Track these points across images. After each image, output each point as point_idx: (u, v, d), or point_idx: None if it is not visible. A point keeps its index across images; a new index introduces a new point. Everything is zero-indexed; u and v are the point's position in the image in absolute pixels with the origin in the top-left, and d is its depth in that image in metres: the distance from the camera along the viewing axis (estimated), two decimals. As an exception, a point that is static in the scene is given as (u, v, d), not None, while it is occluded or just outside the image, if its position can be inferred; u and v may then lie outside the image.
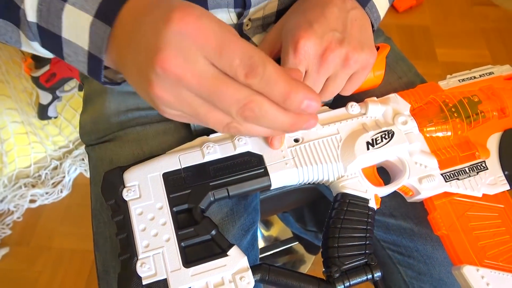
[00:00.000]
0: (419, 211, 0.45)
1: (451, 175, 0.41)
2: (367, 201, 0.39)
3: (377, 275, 0.36)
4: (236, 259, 0.34)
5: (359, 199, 0.38)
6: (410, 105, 0.43)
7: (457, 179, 0.40)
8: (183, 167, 0.38)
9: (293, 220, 0.85)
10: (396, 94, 0.44)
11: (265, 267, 0.36)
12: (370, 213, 0.38)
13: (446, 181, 0.40)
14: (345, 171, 0.39)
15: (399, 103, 0.43)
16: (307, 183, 0.41)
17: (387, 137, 0.41)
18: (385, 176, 0.42)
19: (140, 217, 0.36)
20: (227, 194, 0.38)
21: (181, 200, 0.37)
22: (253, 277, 0.34)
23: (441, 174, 0.40)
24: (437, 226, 0.39)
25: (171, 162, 0.38)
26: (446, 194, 0.40)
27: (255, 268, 0.35)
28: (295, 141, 0.40)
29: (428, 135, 0.42)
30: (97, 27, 0.32)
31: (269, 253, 1.02)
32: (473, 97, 0.43)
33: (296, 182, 0.40)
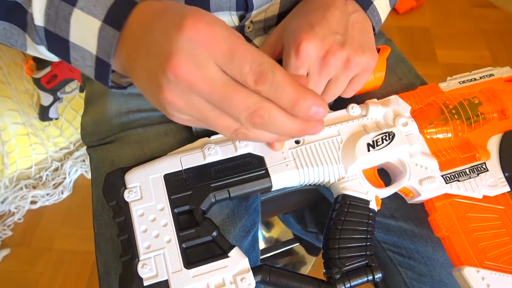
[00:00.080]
0: (419, 212, 0.45)
1: (452, 176, 0.41)
2: (367, 202, 0.39)
3: (378, 276, 0.36)
4: (237, 260, 0.34)
5: (359, 201, 0.39)
6: (410, 107, 0.44)
7: (458, 180, 0.40)
8: (184, 168, 0.38)
9: (294, 221, 0.85)
10: (396, 95, 0.45)
11: (266, 268, 0.36)
12: (370, 214, 0.38)
13: (446, 183, 0.40)
14: (345, 172, 0.39)
15: (399, 104, 0.44)
16: (308, 185, 0.41)
17: (387, 138, 0.41)
18: (386, 177, 0.42)
19: (141, 218, 0.36)
20: (228, 195, 0.38)
21: (182, 201, 0.37)
22: (254, 278, 0.34)
23: (442, 175, 0.40)
24: (438, 227, 0.39)
25: (172, 163, 0.39)
26: (446, 195, 0.40)
27: (256, 269, 0.35)
28: (296, 142, 0.40)
29: (428, 137, 0.42)
30: (105, 32, 0.32)
31: (269, 254, 1.02)
32: (473, 99, 0.43)
33: (297, 183, 0.40)
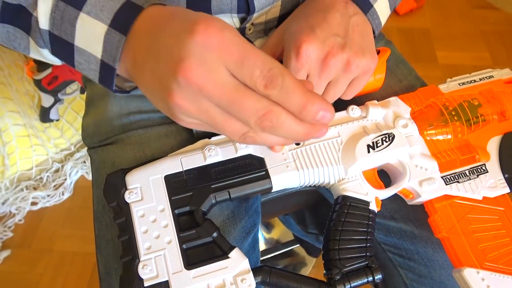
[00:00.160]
0: (419, 213, 0.46)
1: (452, 178, 0.41)
2: (367, 203, 0.39)
3: (378, 277, 0.36)
4: (237, 261, 0.34)
5: (359, 202, 0.39)
6: (410, 108, 0.44)
7: (458, 182, 0.41)
8: (184, 169, 0.38)
9: (294, 222, 0.85)
10: (396, 97, 0.45)
11: (266, 269, 0.36)
12: (370, 215, 0.38)
13: (446, 184, 0.40)
14: (346, 173, 0.39)
15: (399, 106, 0.44)
16: (308, 186, 0.41)
17: (387, 140, 0.41)
18: (386, 179, 0.42)
19: (142, 219, 0.36)
20: (228, 196, 0.38)
21: (182, 202, 0.37)
22: (254, 279, 0.34)
23: (442, 177, 0.41)
24: (438, 228, 0.39)
25: (173, 164, 0.39)
26: (446, 197, 0.40)
27: (256, 270, 0.35)
28: (296, 144, 0.40)
29: (428, 138, 0.42)
30: (111, 36, 0.32)
31: (270, 255, 1.02)
32: (473, 101, 0.44)
33: (297, 184, 0.40)
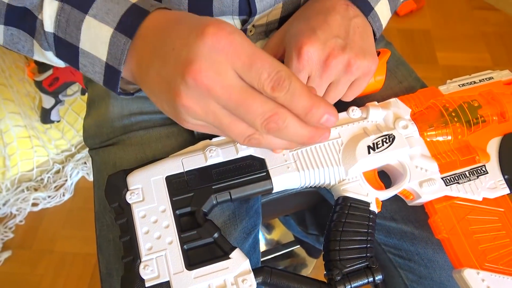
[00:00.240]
0: (419, 214, 0.46)
1: (452, 179, 0.41)
2: (368, 204, 0.39)
3: (378, 278, 0.37)
4: (238, 261, 0.34)
5: (360, 203, 0.39)
6: (410, 110, 0.44)
7: (458, 183, 0.41)
8: (186, 170, 0.39)
9: (295, 223, 0.85)
10: (396, 98, 0.45)
11: (267, 270, 0.36)
12: (371, 216, 0.39)
13: (446, 185, 0.40)
14: (346, 174, 0.40)
15: (399, 107, 0.44)
16: (309, 187, 0.41)
17: (388, 141, 0.41)
18: (386, 179, 0.42)
19: (143, 220, 0.36)
20: (229, 197, 0.38)
21: (184, 203, 0.37)
22: (255, 280, 0.34)
23: (442, 178, 0.41)
24: (438, 229, 0.39)
25: (174, 165, 0.39)
26: (446, 197, 0.40)
27: (257, 270, 0.35)
28: None
29: (428, 139, 0.42)
30: (117, 39, 0.32)
31: (270, 256, 1.02)
32: (473, 102, 0.44)
33: (297, 185, 0.40)
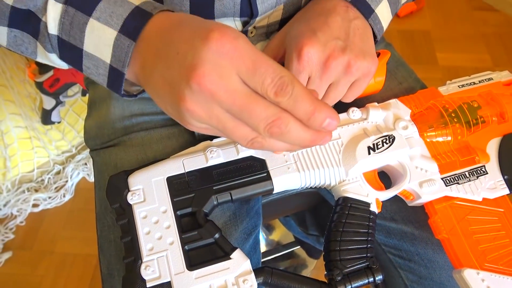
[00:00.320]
0: (419, 215, 0.46)
1: (451, 179, 0.41)
2: (368, 205, 0.39)
3: (379, 278, 0.37)
4: (239, 262, 0.34)
5: (360, 203, 0.39)
6: (410, 110, 0.44)
7: (457, 183, 0.41)
8: (186, 171, 0.39)
9: (295, 224, 0.85)
10: (396, 99, 0.45)
11: (268, 270, 0.36)
12: (371, 216, 0.39)
13: (446, 185, 0.40)
14: (346, 175, 0.40)
15: (399, 108, 0.44)
16: (309, 187, 0.41)
17: (388, 141, 0.41)
18: (386, 180, 0.43)
19: (144, 221, 0.36)
20: (230, 198, 0.38)
21: (185, 203, 0.37)
22: (256, 280, 0.34)
23: (442, 178, 0.41)
24: (438, 230, 0.40)
25: (175, 166, 0.39)
26: (446, 198, 0.40)
27: (258, 271, 0.35)
28: None
29: (428, 140, 0.43)
30: (121, 42, 0.33)
31: (271, 257, 1.02)
32: (472, 103, 0.44)
33: (298, 186, 0.40)
